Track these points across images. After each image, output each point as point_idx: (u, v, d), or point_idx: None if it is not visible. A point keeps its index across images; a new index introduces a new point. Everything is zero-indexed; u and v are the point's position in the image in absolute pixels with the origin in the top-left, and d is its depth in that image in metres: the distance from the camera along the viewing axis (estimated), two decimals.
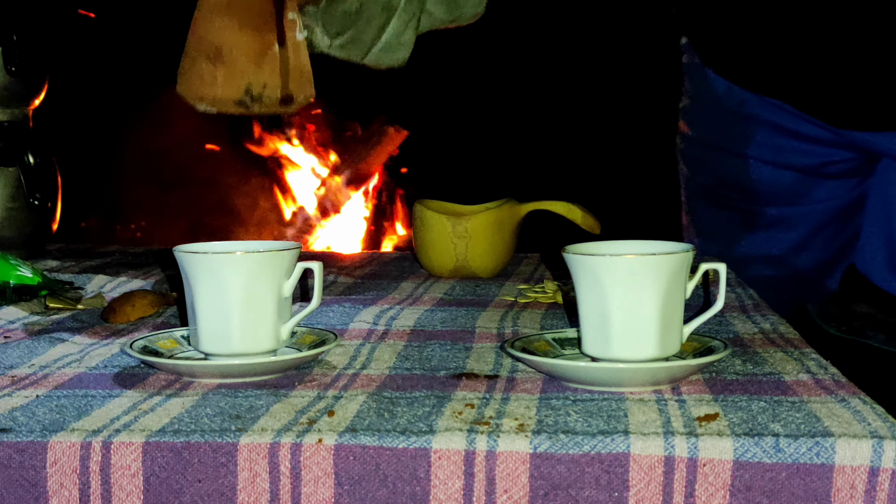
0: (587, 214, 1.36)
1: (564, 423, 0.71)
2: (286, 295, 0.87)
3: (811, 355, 0.90)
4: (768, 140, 1.51)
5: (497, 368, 0.87)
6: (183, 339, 0.92)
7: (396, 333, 1.01)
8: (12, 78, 1.47)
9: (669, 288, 0.81)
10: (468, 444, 0.68)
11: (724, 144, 1.55)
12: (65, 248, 1.63)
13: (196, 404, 0.77)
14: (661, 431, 0.69)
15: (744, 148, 1.53)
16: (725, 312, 1.10)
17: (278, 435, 0.70)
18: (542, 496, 0.68)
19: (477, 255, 1.33)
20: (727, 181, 1.56)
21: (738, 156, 1.54)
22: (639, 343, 0.81)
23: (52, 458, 0.69)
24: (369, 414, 0.74)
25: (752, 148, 1.52)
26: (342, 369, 0.87)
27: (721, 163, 1.57)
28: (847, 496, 0.67)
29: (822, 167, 1.50)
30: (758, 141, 1.51)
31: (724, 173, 1.57)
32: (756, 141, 1.52)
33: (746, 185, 1.55)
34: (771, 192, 1.54)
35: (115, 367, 0.88)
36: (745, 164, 1.54)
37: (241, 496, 0.69)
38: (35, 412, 0.75)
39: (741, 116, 1.51)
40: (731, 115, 1.52)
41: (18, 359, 0.91)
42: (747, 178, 1.54)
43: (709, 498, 0.68)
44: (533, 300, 1.19)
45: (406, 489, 0.68)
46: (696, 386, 0.81)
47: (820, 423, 0.71)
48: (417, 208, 1.35)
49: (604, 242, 0.88)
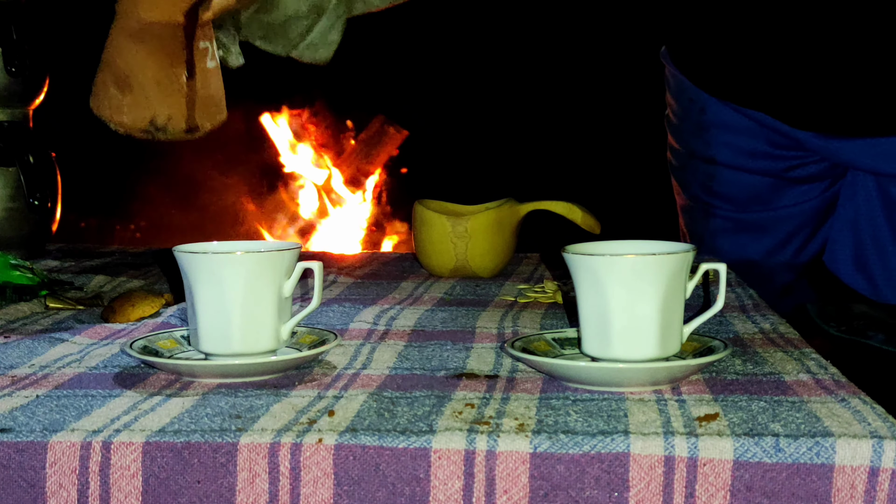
0: (587, 214, 1.36)
1: (564, 423, 0.71)
2: (286, 295, 0.87)
3: (811, 355, 0.90)
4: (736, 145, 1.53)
5: (497, 368, 0.87)
6: (183, 339, 0.92)
7: (396, 333, 1.01)
8: (12, 78, 1.47)
9: (669, 288, 0.81)
10: (468, 444, 0.68)
11: (699, 151, 1.57)
12: (65, 248, 1.63)
13: (196, 404, 0.77)
14: (661, 431, 0.69)
15: (718, 155, 1.55)
16: (725, 312, 1.10)
17: (278, 435, 0.70)
18: (542, 496, 0.68)
19: (477, 255, 1.33)
20: (705, 188, 1.59)
21: (713, 163, 1.56)
22: (639, 343, 0.81)
23: (52, 459, 0.69)
24: (369, 414, 0.74)
25: (724, 155, 1.54)
26: (342, 369, 0.87)
27: (698, 169, 1.59)
28: (847, 496, 0.67)
29: (790, 170, 1.52)
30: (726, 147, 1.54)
31: (701, 180, 1.59)
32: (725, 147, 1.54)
33: (723, 191, 1.57)
34: (745, 198, 1.56)
35: (115, 367, 0.88)
36: (717, 171, 1.56)
37: (239, 497, 0.69)
38: (35, 412, 0.75)
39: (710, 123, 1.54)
40: (705, 123, 1.55)
41: (18, 359, 0.91)
42: (724, 185, 1.56)
43: (709, 498, 0.68)
44: (533, 300, 1.19)
45: (406, 489, 0.68)
46: (696, 386, 0.81)
47: (820, 423, 0.71)
48: (417, 208, 1.35)
49: (604, 242, 0.88)
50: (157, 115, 1.04)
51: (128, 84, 1.04)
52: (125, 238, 3.23)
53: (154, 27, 1.03)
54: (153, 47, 1.03)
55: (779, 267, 1.59)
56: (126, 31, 1.04)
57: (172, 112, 1.05)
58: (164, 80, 1.04)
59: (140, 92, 1.04)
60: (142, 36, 1.03)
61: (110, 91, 1.05)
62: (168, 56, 1.04)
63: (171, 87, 1.04)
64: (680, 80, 1.55)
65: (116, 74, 1.04)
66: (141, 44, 1.03)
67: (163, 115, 1.04)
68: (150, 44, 1.03)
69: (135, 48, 1.03)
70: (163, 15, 1.03)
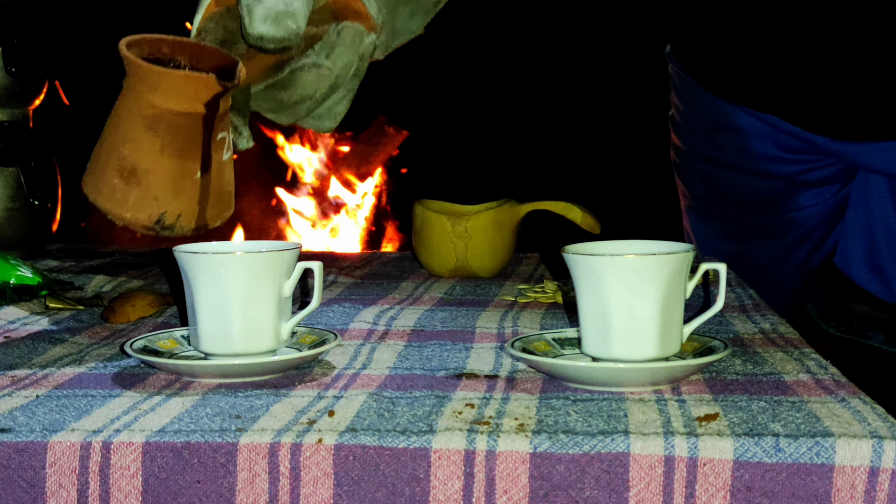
0: (587, 214, 1.36)
1: (564, 423, 0.71)
2: (286, 295, 0.87)
3: (811, 355, 0.90)
4: (747, 149, 1.51)
5: (497, 368, 0.87)
6: (183, 339, 0.92)
7: (396, 333, 1.01)
8: (12, 78, 1.47)
9: (669, 288, 0.81)
10: (468, 443, 0.68)
11: (706, 153, 1.56)
12: (65, 248, 1.63)
13: (196, 404, 0.77)
14: (661, 431, 0.69)
15: (727, 158, 1.53)
16: (725, 312, 1.10)
17: (278, 435, 0.70)
18: (542, 496, 0.68)
19: (477, 255, 1.33)
20: (713, 190, 1.57)
21: (717, 164, 1.54)
22: (639, 343, 0.81)
23: (52, 459, 0.69)
24: (369, 414, 0.74)
25: (734, 157, 1.52)
26: (342, 369, 0.87)
27: (705, 172, 1.57)
28: (847, 496, 0.67)
29: (804, 174, 1.50)
30: (737, 150, 1.52)
31: (708, 182, 1.58)
32: (735, 150, 1.52)
33: (729, 193, 1.55)
34: (755, 201, 1.55)
35: (115, 367, 0.88)
36: (726, 173, 1.54)
37: (240, 497, 0.69)
38: (35, 412, 0.75)
39: (722, 127, 1.52)
40: (713, 125, 1.53)
41: (18, 359, 0.91)
42: (730, 186, 1.55)
43: (709, 498, 0.68)
44: (533, 300, 1.19)
45: (406, 489, 0.68)
46: (696, 386, 0.81)
47: (820, 423, 0.71)
48: (417, 208, 1.35)
49: (604, 242, 0.88)
50: (166, 213, 0.93)
51: (135, 177, 0.93)
52: (125, 238, 3.23)
53: (170, 116, 0.92)
54: (167, 140, 0.92)
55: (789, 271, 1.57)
56: (137, 115, 0.93)
57: (183, 210, 0.94)
58: (177, 177, 0.93)
59: (149, 188, 0.93)
60: (156, 125, 0.92)
61: (113, 182, 0.93)
62: (183, 150, 0.93)
63: (183, 183, 0.93)
64: (687, 82, 1.53)
65: (122, 164, 0.93)
66: (154, 134, 0.92)
67: (172, 213, 0.94)
68: (165, 135, 0.92)
69: (147, 138, 0.92)
70: (181, 104, 0.91)
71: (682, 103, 1.57)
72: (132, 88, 0.93)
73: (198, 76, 0.91)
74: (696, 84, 1.51)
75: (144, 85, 0.92)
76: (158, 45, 0.95)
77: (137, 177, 0.92)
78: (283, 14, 0.95)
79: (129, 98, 0.93)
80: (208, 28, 1.00)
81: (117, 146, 0.93)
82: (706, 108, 1.52)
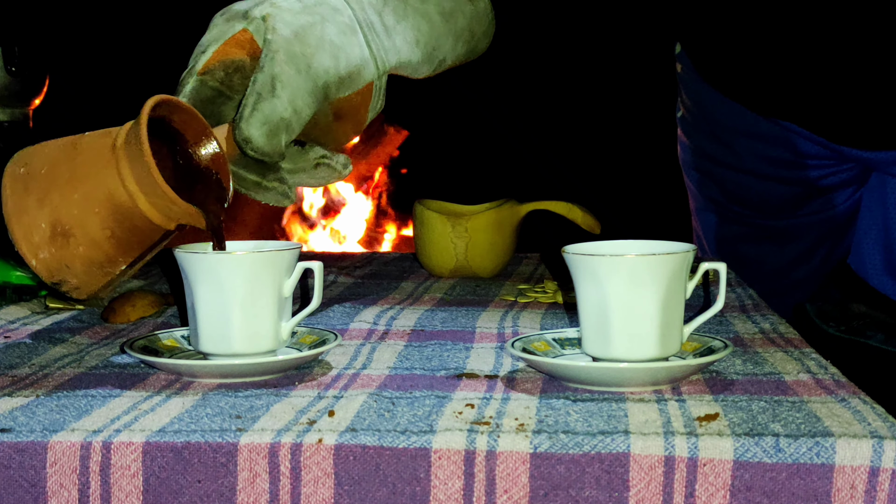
0: (587, 214, 1.36)
1: (564, 423, 0.71)
2: (286, 295, 0.87)
3: (811, 355, 0.90)
4: (764, 154, 1.50)
5: (497, 368, 0.87)
6: (183, 339, 0.92)
7: (397, 333, 1.01)
8: (12, 78, 1.47)
9: (670, 288, 0.81)
10: (468, 443, 0.68)
11: (721, 157, 1.54)
12: None
13: (196, 404, 0.77)
14: (662, 431, 0.69)
15: (740, 162, 1.52)
16: (725, 312, 1.10)
17: (278, 435, 0.70)
18: (542, 496, 0.68)
19: (477, 255, 1.33)
20: (728, 193, 1.56)
21: (733, 169, 1.53)
22: (639, 343, 0.81)
23: (52, 459, 0.69)
24: (369, 414, 0.74)
25: (753, 163, 1.51)
26: (342, 369, 0.87)
27: (720, 175, 1.56)
28: (847, 496, 0.67)
29: (823, 178, 1.49)
30: (754, 156, 1.51)
31: (723, 186, 1.56)
32: (752, 156, 1.51)
33: (746, 197, 1.54)
34: (772, 206, 1.53)
35: (115, 367, 0.88)
36: (743, 178, 1.53)
37: (240, 496, 0.69)
38: (35, 412, 0.75)
39: (736, 131, 1.51)
40: (732, 131, 1.51)
41: (18, 359, 0.91)
42: (746, 191, 1.54)
43: (709, 498, 0.68)
44: (533, 300, 1.19)
45: (406, 489, 0.68)
46: (696, 386, 0.81)
47: (820, 423, 0.71)
48: (417, 208, 1.35)
49: (604, 242, 0.88)
50: (68, 283, 0.87)
51: (65, 240, 0.85)
52: None
53: (140, 217, 0.85)
54: (120, 233, 0.86)
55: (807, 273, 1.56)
56: (108, 193, 0.85)
57: (83, 285, 0.88)
58: (101, 263, 0.87)
59: (69, 258, 0.86)
60: (121, 218, 0.85)
61: (40, 224, 0.86)
62: (127, 247, 0.87)
63: (103, 269, 0.87)
64: (700, 84, 1.52)
65: (63, 220, 0.85)
66: (114, 222, 0.85)
67: (72, 284, 0.88)
68: (121, 229, 0.86)
69: (104, 219, 0.85)
70: (158, 218, 0.86)
71: (695, 105, 1.56)
72: (123, 163, 0.85)
73: (195, 211, 0.87)
74: (716, 90, 1.49)
75: (142, 186, 0.85)
76: (174, 110, 0.89)
77: (67, 242, 0.86)
78: (281, 125, 0.91)
79: (117, 168, 0.85)
80: (215, 72, 0.96)
81: (72, 202, 0.86)
82: (724, 113, 1.50)
